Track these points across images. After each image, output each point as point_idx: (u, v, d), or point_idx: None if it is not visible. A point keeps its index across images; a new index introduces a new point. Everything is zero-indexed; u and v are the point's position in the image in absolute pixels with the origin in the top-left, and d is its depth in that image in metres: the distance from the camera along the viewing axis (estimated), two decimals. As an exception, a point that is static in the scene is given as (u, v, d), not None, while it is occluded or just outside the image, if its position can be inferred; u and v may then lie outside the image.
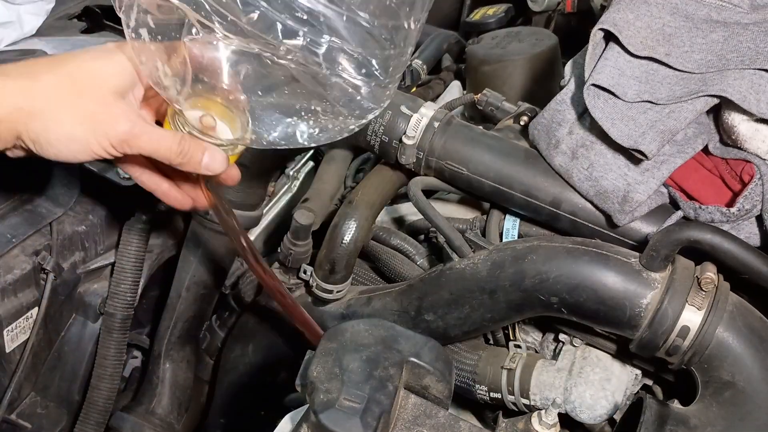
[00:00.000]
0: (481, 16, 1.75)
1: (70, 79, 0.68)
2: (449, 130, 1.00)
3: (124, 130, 0.68)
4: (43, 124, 0.67)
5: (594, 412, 0.89)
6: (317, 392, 0.62)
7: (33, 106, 0.67)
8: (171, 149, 0.70)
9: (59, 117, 0.67)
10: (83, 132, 0.68)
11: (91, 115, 0.67)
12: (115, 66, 0.71)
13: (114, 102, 0.69)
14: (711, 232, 0.79)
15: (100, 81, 0.69)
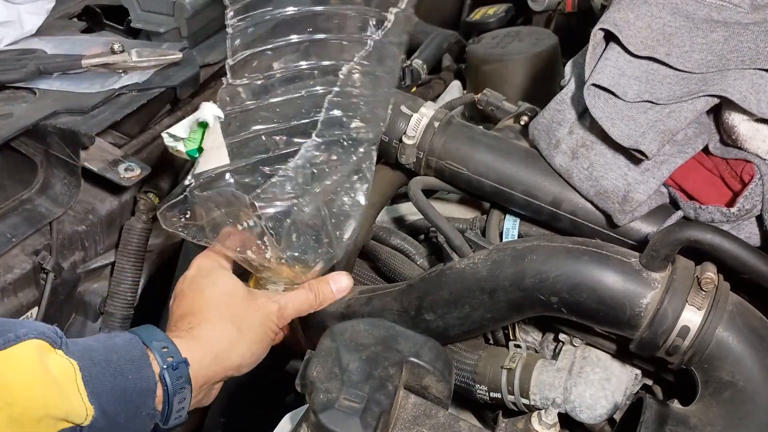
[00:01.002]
0: (481, 15, 1.75)
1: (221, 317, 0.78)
2: (449, 129, 1.00)
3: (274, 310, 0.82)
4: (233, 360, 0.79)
5: (594, 412, 0.89)
6: (317, 392, 0.62)
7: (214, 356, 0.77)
8: (309, 299, 0.87)
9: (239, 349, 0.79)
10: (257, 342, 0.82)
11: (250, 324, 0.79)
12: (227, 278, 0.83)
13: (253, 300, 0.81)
14: (711, 232, 0.79)
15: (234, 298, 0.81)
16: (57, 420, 0.60)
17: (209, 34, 1.34)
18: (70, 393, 0.61)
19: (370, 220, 1.03)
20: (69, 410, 0.61)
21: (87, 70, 1.16)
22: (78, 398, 0.62)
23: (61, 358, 0.62)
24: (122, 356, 0.67)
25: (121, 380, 0.65)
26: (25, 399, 0.58)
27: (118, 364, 0.66)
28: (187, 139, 0.83)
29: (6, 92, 1.12)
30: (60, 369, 0.62)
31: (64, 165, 1.08)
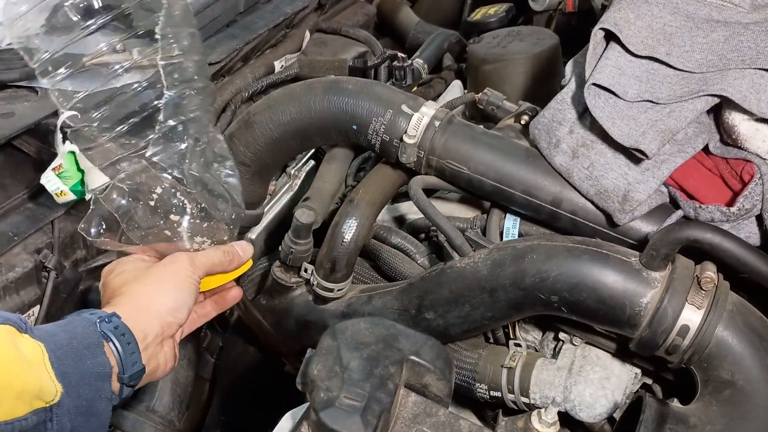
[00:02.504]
0: (482, 15, 1.75)
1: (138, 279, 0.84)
2: (450, 129, 1.00)
3: (185, 258, 0.85)
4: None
5: (593, 411, 0.89)
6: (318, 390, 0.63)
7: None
8: (218, 254, 0.88)
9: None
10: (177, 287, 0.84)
11: (166, 274, 0.84)
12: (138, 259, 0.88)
13: (165, 260, 0.86)
14: (711, 232, 0.79)
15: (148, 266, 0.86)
16: (32, 397, 0.63)
17: (211, 33, 1.34)
18: (40, 371, 0.65)
19: (371, 219, 1.03)
20: (41, 387, 0.64)
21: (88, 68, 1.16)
22: (47, 376, 0.65)
23: (29, 341, 0.66)
24: (81, 342, 0.71)
25: (81, 365, 0.69)
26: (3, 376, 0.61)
27: (78, 350, 0.70)
28: (65, 179, 0.89)
29: (8, 91, 1.12)
30: (30, 350, 0.65)
31: (65, 164, 1.08)
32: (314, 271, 1.04)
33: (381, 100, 1.02)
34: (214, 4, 1.32)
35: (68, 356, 0.68)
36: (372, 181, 1.07)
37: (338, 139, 1.12)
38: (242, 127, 1.11)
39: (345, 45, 1.64)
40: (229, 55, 1.34)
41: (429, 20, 1.89)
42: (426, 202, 0.98)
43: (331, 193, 1.25)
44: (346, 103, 1.02)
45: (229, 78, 1.38)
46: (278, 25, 1.47)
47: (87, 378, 0.69)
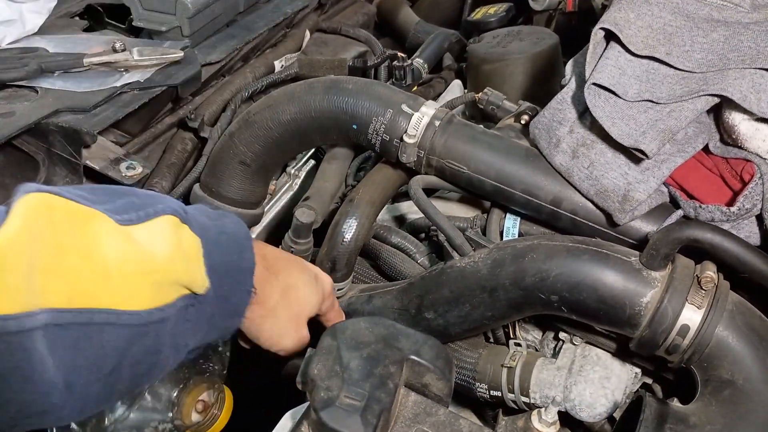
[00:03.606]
0: (482, 15, 1.75)
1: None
2: (450, 128, 1.00)
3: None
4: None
5: (594, 411, 0.90)
6: (318, 390, 0.62)
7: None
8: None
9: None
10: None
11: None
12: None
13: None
14: (711, 231, 0.79)
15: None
16: (182, 286, 0.68)
17: (211, 32, 1.34)
18: (195, 265, 0.70)
19: (371, 218, 1.03)
20: (192, 280, 0.69)
21: (89, 68, 1.16)
22: (200, 271, 0.70)
23: (188, 233, 0.70)
24: (230, 237, 0.76)
25: (228, 258, 0.74)
26: (165, 267, 0.66)
27: (227, 245, 0.75)
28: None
29: (8, 91, 1.12)
30: (188, 243, 0.70)
31: (66, 163, 1.08)
32: (314, 270, 1.04)
33: (381, 99, 1.02)
34: (214, 4, 1.32)
35: (217, 251, 0.72)
36: (372, 180, 1.07)
37: (338, 139, 1.12)
38: (242, 127, 1.11)
39: (345, 45, 1.64)
40: (229, 55, 1.34)
41: (429, 20, 1.89)
42: (426, 201, 0.98)
43: (332, 192, 1.25)
44: (346, 103, 1.02)
45: (229, 77, 1.38)
46: (278, 25, 1.47)
47: (232, 272, 0.75)
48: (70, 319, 0.58)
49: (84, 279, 0.60)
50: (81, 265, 0.60)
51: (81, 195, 0.64)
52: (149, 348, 0.66)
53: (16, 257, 0.56)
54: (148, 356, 0.67)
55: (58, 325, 0.57)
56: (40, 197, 0.60)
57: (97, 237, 0.62)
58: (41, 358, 0.57)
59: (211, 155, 1.18)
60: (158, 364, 0.69)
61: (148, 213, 0.66)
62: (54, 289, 0.58)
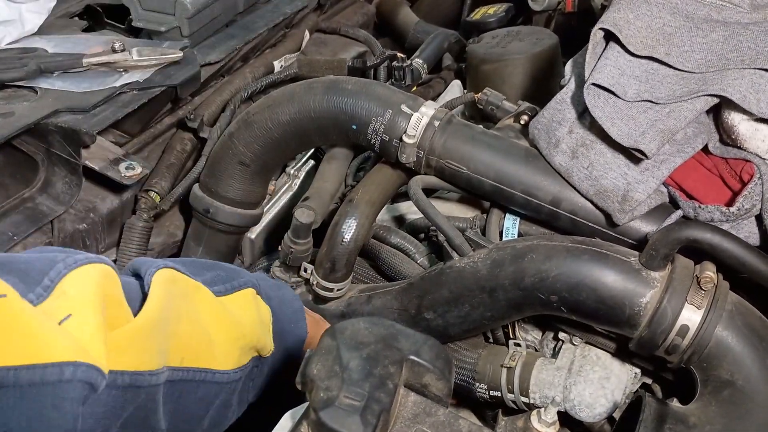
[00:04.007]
0: (481, 15, 1.75)
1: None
2: (449, 129, 1.00)
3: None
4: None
5: (593, 411, 0.90)
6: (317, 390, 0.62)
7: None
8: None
9: None
10: None
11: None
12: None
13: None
14: (710, 232, 0.79)
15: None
16: (255, 350, 0.78)
17: (210, 33, 1.34)
18: (267, 332, 0.80)
19: (371, 218, 1.03)
20: (264, 345, 0.79)
21: (88, 69, 1.16)
22: (269, 337, 0.80)
23: (263, 305, 0.81)
24: (289, 308, 0.86)
25: (287, 327, 0.84)
26: (250, 334, 0.76)
27: (287, 315, 0.85)
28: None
29: (7, 91, 1.12)
30: (264, 313, 0.80)
31: (66, 163, 1.08)
32: (314, 270, 1.04)
33: (380, 99, 1.02)
34: (213, 4, 1.32)
35: (280, 320, 0.82)
36: (371, 180, 1.07)
37: (338, 139, 1.12)
38: (242, 127, 1.11)
39: (344, 45, 1.64)
40: (229, 55, 1.34)
41: (428, 20, 1.89)
42: (425, 201, 0.98)
43: (331, 192, 1.25)
44: (345, 103, 1.02)
45: (228, 78, 1.38)
46: (278, 25, 1.47)
47: (291, 339, 0.85)
48: (181, 377, 0.68)
49: (193, 342, 0.70)
50: (191, 330, 0.70)
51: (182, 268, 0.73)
52: (226, 402, 0.75)
53: (159, 324, 0.65)
54: (224, 409, 0.76)
55: (171, 381, 0.67)
56: (168, 273, 0.70)
57: (202, 306, 0.73)
58: (161, 409, 0.66)
59: (211, 155, 1.18)
60: (227, 417, 0.78)
61: (234, 286, 0.77)
62: (173, 351, 0.67)
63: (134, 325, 0.63)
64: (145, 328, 0.63)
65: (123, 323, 0.62)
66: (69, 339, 0.57)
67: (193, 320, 0.70)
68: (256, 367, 0.79)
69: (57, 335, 0.56)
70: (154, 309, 0.65)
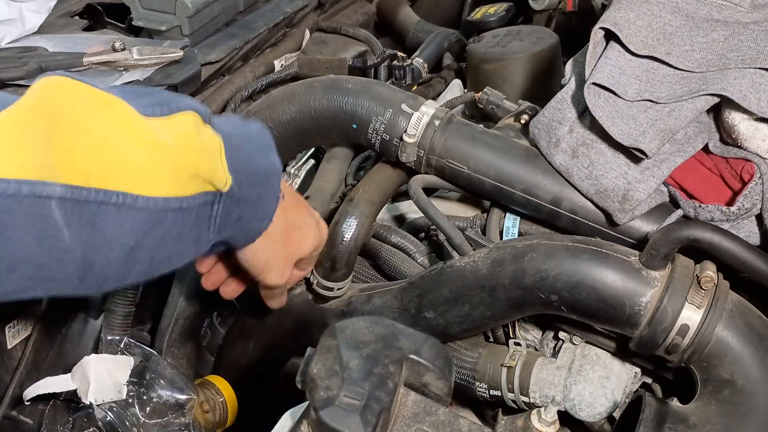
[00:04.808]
0: (482, 14, 1.75)
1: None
2: (450, 128, 1.00)
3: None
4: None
5: (593, 410, 0.90)
6: (317, 389, 0.62)
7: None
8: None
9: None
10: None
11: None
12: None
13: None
14: (711, 231, 0.79)
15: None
16: (204, 182, 0.70)
17: (210, 32, 1.34)
18: (215, 161, 0.72)
19: (371, 218, 1.03)
20: (214, 175, 0.71)
21: (88, 68, 1.16)
22: (221, 167, 0.72)
23: (210, 131, 0.73)
24: (254, 143, 0.79)
25: (253, 162, 0.77)
26: (186, 159, 0.68)
27: (250, 150, 0.77)
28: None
29: (7, 90, 1.12)
30: (209, 141, 0.72)
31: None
32: (314, 270, 1.04)
33: (381, 99, 1.02)
34: (213, 3, 1.32)
35: (241, 154, 0.75)
36: (372, 180, 1.07)
37: (338, 139, 1.12)
38: (242, 126, 1.11)
39: (345, 44, 1.64)
40: (229, 54, 1.34)
41: (429, 19, 1.89)
42: (426, 201, 0.98)
43: (331, 192, 1.25)
44: (345, 102, 1.02)
45: (228, 77, 1.38)
46: (278, 24, 1.47)
47: (258, 174, 0.77)
48: (86, 197, 0.60)
49: (102, 161, 0.62)
50: (99, 147, 0.62)
51: (106, 87, 0.66)
52: (167, 235, 0.69)
53: (30, 129, 0.57)
54: (167, 243, 0.70)
55: (74, 200, 0.59)
56: (59, 79, 0.62)
57: (116, 122, 0.64)
58: (55, 225, 0.59)
59: (211, 155, 1.18)
60: (179, 252, 0.72)
61: (171, 108, 0.69)
62: (71, 167, 0.59)
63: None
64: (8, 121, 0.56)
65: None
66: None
67: (103, 136, 0.63)
68: (216, 203, 0.73)
69: None
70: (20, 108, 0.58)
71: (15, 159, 0.56)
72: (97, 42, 1.24)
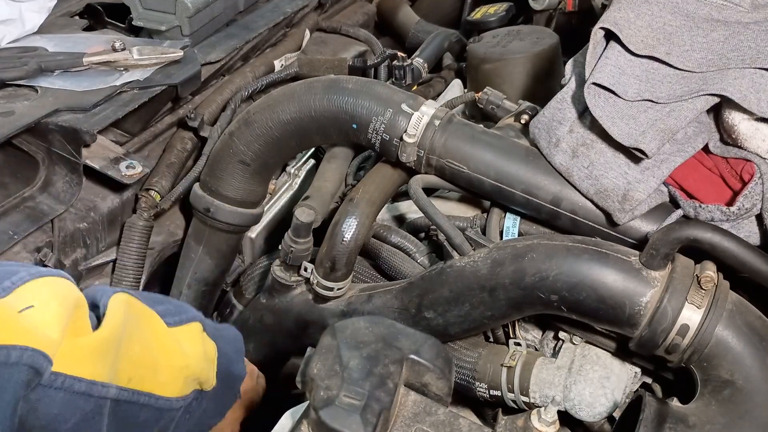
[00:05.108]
0: (482, 14, 1.75)
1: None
2: (450, 128, 1.00)
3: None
4: None
5: (593, 410, 0.90)
6: (318, 389, 0.63)
7: None
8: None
9: None
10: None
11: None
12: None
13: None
14: (711, 231, 0.79)
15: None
16: (197, 382, 0.80)
17: (210, 32, 1.34)
18: (211, 367, 0.82)
19: (371, 218, 1.03)
20: (207, 378, 0.81)
21: (88, 68, 1.16)
22: (213, 372, 0.82)
23: (209, 340, 0.83)
24: (230, 348, 0.88)
25: (227, 366, 0.86)
26: (194, 365, 0.78)
27: (229, 355, 0.87)
28: None
29: (7, 90, 1.12)
30: (209, 349, 0.83)
31: (66, 162, 1.07)
32: (314, 270, 1.04)
33: (381, 99, 1.02)
34: (213, 3, 1.32)
35: (224, 360, 0.85)
36: (372, 180, 1.07)
37: (338, 138, 1.12)
38: (242, 126, 1.11)
39: (345, 44, 1.64)
40: (229, 54, 1.34)
41: (429, 19, 1.89)
42: (426, 201, 0.98)
43: (332, 192, 1.25)
44: (346, 102, 1.02)
45: (229, 77, 1.38)
46: (278, 24, 1.47)
47: (230, 378, 0.88)
48: (127, 397, 0.70)
49: (141, 365, 0.72)
50: (141, 353, 0.72)
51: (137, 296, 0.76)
52: (163, 429, 0.78)
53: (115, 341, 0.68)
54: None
55: (117, 400, 0.68)
56: (125, 297, 0.73)
57: (153, 332, 0.75)
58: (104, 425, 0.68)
59: (211, 154, 1.18)
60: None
61: (183, 319, 0.80)
62: (122, 371, 0.69)
63: (97, 335, 0.66)
64: (105, 341, 0.66)
65: (83, 334, 0.65)
66: (23, 325, 0.59)
67: (144, 345, 0.73)
68: (195, 399, 0.81)
69: (12, 320, 0.58)
70: (113, 325, 0.68)
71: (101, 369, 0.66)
72: (97, 42, 1.24)
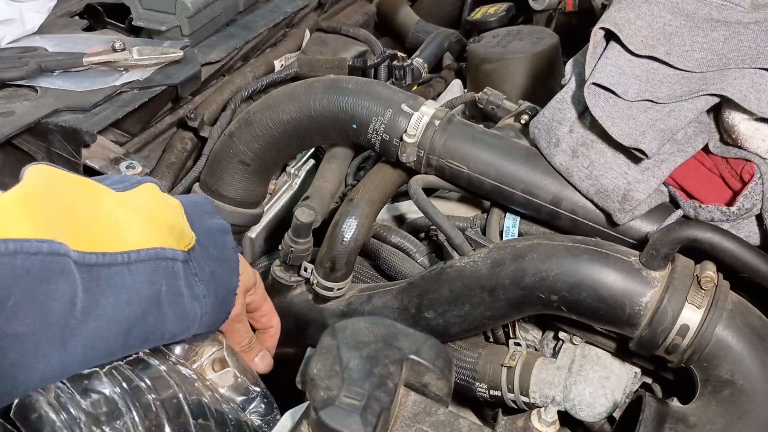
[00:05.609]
0: (482, 14, 1.75)
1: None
2: (450, 128, 1.00)
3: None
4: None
5: (593, 410, 0.90)
6: (317, 389, 0.62)
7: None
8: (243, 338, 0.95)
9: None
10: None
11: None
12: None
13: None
14: (711, 231, 0.79)
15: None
16: (178, 236, 0.76)
17: (210, 32, 1.34)
18: (182, 217, 0.79)
19: (371, 218, 1.03)
20: (182, 230, 0.77)
21: (88, 68, 1.16)
22: (186, 223, 0.78)
23: (170, 197, 0.80)
24: (200, 209, 0.84)
25: (205, 223, 0.82)
26: (160, 214, 0.75)
27: (200, 213, 0.83)
28: None
29: (7, 90, 1.12)
30: (173, 202, 0.80)
31: (66, 163, 1.08)
32: (314, 270, 1.04)
33: (381, 99, 1.02)
34: (213, 3, 1.32)
35: (193, 217, 0.81)
36: (372, 180, 1.07)
37: (338, 139, 1.12)
38: (242, 126, 1.11)
39: (345, 44, 1.64)
40: (229, 54, 1.34)
41: (429, 19, 1.89)
42: (426, 201, 0.98)
43: (332, 192, 1.25)
44: (346, 102, 1.02)
45: (228, 77, 1.38)
46: (278, 24, 1.47)
47: (212, 233, 0.82)
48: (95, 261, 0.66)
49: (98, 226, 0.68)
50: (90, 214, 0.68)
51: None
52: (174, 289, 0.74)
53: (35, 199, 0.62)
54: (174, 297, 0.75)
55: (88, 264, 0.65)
56: (46, 167, 0.68)
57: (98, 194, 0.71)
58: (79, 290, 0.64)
59: (211, 155, 1.18)
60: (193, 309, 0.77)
61: (132, 183, 0.76)
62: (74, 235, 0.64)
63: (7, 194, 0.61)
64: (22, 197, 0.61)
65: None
66: None
67: (91, 207, 0.69)
68: (190, 261, 0.77)
69: None
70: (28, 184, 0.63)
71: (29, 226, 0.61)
72: (97, 42, 1.25)
